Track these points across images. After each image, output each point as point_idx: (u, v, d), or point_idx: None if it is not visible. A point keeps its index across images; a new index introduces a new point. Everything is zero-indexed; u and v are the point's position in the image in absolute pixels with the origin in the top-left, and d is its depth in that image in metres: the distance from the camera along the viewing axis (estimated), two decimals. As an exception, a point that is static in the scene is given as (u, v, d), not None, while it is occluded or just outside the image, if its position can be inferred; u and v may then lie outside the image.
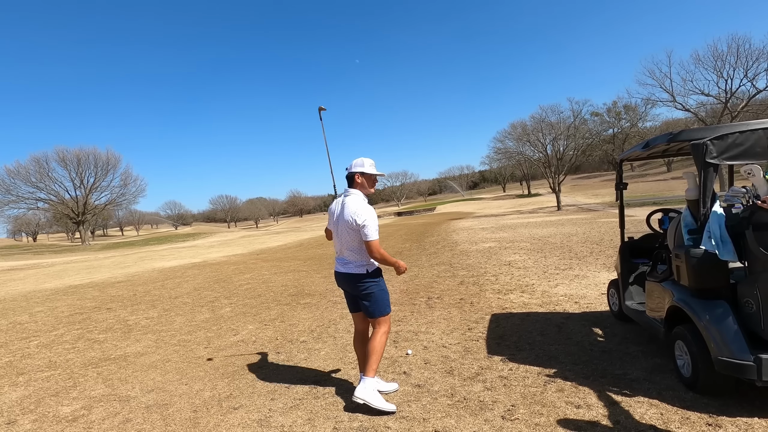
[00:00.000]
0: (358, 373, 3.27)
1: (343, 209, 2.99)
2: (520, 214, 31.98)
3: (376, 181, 3.14)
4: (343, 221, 2.96)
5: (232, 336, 5.22)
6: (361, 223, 2.87)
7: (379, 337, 3.01)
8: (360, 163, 3.09)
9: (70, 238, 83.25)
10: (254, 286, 8.98)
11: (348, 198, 3.03)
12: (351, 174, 3.09)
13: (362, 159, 3.10)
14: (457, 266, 9.13)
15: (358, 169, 3.06)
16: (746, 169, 2.67)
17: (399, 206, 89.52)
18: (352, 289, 3.08)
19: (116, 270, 16.06)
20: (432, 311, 5.57)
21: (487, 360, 3.71)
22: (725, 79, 31.85)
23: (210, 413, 3.12)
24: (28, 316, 7.73)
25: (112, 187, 55.95)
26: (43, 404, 3.56)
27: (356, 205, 2.94)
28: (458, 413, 2.81)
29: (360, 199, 3.01)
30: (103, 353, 4.95)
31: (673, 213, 4.03)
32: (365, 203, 2.99)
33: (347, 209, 2.94)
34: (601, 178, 75.99)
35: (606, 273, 6.94)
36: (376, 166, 3.11)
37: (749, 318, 2.56)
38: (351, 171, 3.09)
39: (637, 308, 3.88)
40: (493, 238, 14.41)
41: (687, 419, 2.52)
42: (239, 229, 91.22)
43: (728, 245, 2.62)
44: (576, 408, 2.75)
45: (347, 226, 2.92)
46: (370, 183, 3.10)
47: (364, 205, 2.96)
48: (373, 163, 3.12)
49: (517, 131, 41.87)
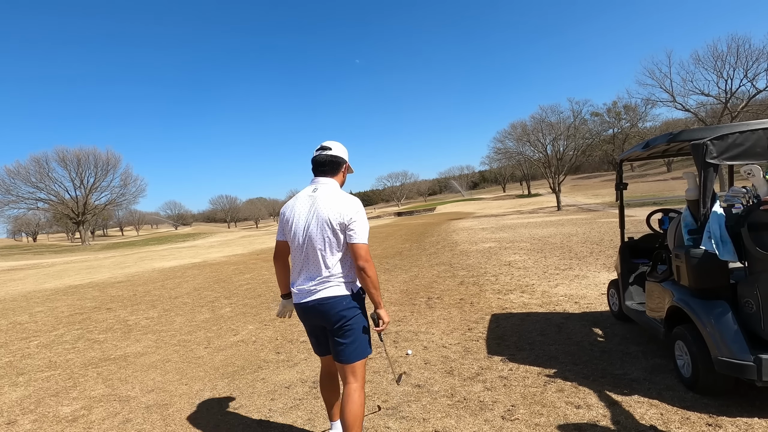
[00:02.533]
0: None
1: (316, 205, 2.15)
2: (520, 214, 31.97)
3: (350, 172, 2.48)
4: (319, 221, 2.13)
5: (232, 336, 5.22)
6: (352, 218, 2.12)
7: (358, 397, 2.17)
8: (343, 149, 2.37)
9: (70, 239, 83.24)
10: (254, 286, 8.98)
11: (324, 189, 2.22)
12: (332, 159, 2.29)
13: (340, 144, 2.37)
14: (457, 266, 9.13)
15: (343, 155, 2.34)
16: (746, 170, 2.67)
17: (399, 206, 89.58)
18: (327, 320, 2.18)
19: (116, 270, 16.06)
20: (432, 311, 5.56)
21: (487, 360, 3.71)
22: (725, 79, 31.91)
23: (210, 413, 3.12)
24: (28, 316, 7.73)
25: (112, 187, 56.01)
26: (43, 404, 3.56)
27: (339, 197, 2.18)
28: (458, 413, 2.81)
29: (341, 191, 2.27)
30: (103, 353, 4.95)
31: (673, 213, 4.03)
32: (350, 196, 2.23)
33: (326, 204, 2.14)
34: (601, 178, 75.99)
35: (606, 273, 6.94)
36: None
37: (749, 318, 2.56)
38: (333, 154, 2.29)
39: (637, 308, 3.88)
40: (493, 238, 14.41)
41: (687, 419, 2.52)
42: (239, 229, 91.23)
43: (728, 245, 2.62)
44: (576, 408, 2.75)
45: (325, 226, 2.11)
46: (344, 177, 2.41)
47: (350, 197, 2.20)
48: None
49: (517, 131, 41.89)
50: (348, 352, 2.18)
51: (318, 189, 2.22)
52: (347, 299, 2.17)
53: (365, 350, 2.24)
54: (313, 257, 2.16)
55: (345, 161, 2.36)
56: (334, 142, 2.35)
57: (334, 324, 2.17)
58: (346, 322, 2.16)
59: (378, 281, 2.18)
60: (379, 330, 2.21)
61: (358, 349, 2.20)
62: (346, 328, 2.17)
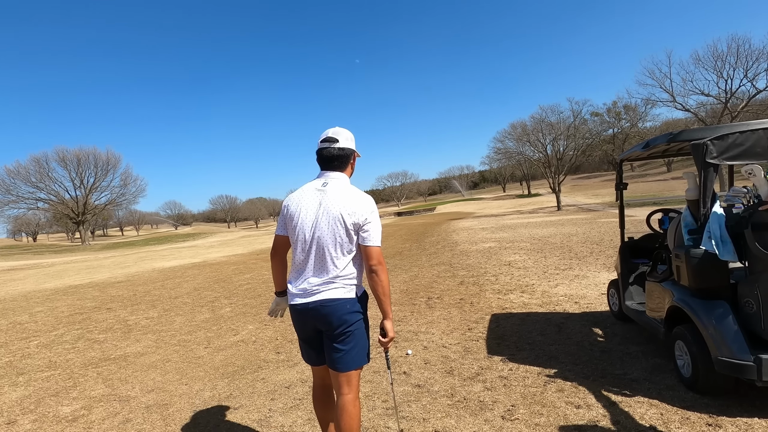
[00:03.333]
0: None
1: (326, 202, 2.00)
2: (520, 214, 31.97)
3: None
4: (330, 219, 1.97)
5: (232, 336, 5.22)
6: (367, 218, 1.98)
7: (353, 408, 2.02)
8: (350, 136, 2.18)
9: (70, 238, 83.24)
10: (254, 286, 8.98)
11: (335, 184, 2.05)
12: (341, 153, 2.11)
13: (346, 131, 2.18)
14: (457, 266, 9.13)
15: (351, 145, 2.16)
16: (746, 169, 2.67)
17: (399, 206, 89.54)
18: (328, 324, 2.01)
19: (116, 270, 16.06)
20: (432, 311, 5.56)
21: (487, 360, 3.71)
22: (725, 79, 31.87)
23: (210, 413, 3.12)
24: (28, 316, 7.73)
25: (112, 187, 56.00)
26: (43, 404, 3.56)
27: (353, 194, 2.03)
28: (458, 413, 2.81)
29: (353, 187, 2.10)
30: (103, 353, 4.95)
31: (673, 213, 4.03)
32: (363, 194, 2.07)
33: (338, 201, 1.99)
34: (601, 178, 75.98)
35: (606, 273, 6.94)
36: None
37: (749, 318, 2.56)
38: (341, 147, 2.10)
39: (637, 308, 3.88)
40: (493, 238, 14.41)
41: (687, 419, 2.52)
42: (239, 229, 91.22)
43: (728, 245, 2.61)
44: (576, 408, 2.75)
45: (337, 225, 1.97)
46: (353, 167, 2.23)
47: (364, 195, 2.06)
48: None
49: (517, 131, 41.87)
50: (346, 359, 2.01)
51: (328, 184, 2.04)
52: (351, 302, 2.01)
53: (363, 358, 2.08)
54: (319, 256, 1.99)
55: (353, 152, 2.18)
56: (340, 129, 2.15)
57: (336, 329, 1.99)
58: (347, 327, 2.00)
59: (389, 288, 2.05)
60: (385, 343, 2.05)
61: (357, 356, 2.05)
62: (347, 333, 2.01)
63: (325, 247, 1.98)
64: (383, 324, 2.06)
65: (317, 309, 1.99)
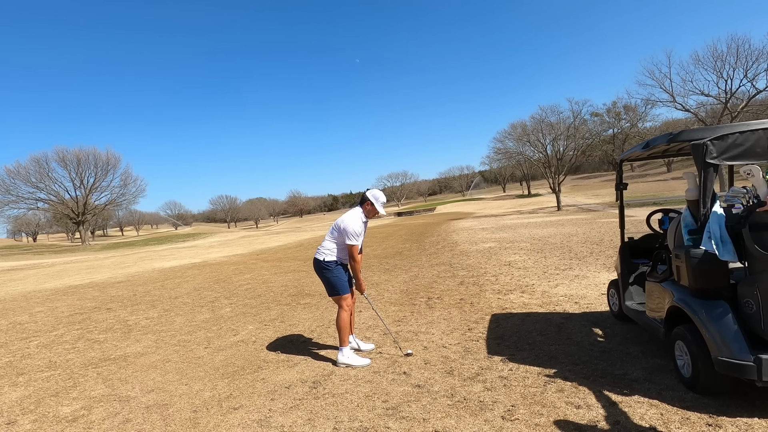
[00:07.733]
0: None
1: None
2: (520, 214, 31.98)
3: (376, 214, 3.90)
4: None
5: (232, 336, 5.22)
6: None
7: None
8: (377, 196, 3.88)
9: (70, 239, 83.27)
10: (254, 286, 8.99)
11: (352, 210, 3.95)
12: (365, 197, 3.87)
13: (380, 194, 3.92)
14: (457, 266, 9.14)
15: (370, 196, 3.85)
16: (746, 170, 2.67)
17: (399, 206, 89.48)
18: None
19: (116, 270, 16.06)
20: (432, 311, 5.57)
21: (487, 360, 3.71)
22: (725, 79, 31.87)
23: (210, 413, 3.12)
24: (28, 316, 7.73)
25: (112, 187, 55.96)
26: (43, 404, 3.56)
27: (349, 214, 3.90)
28: (458, 413, 2.82)
29: (355, 212, 3.89)
30: (103, 353, 4.96)
31: (673, 213, 4.03)
32: (357, 214, 3.86)
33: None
34: (601, 178, 76.01)
35: (606, 273, 6.95)
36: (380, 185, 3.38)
37: (749, 318, 2.56)
38: (365, 196, 3.88)
39: (637, 308, 3.88)
40: (493, 239, 14.41)
41: (687, 419, 2.52)
42: (239, 229, 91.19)
43: (728, 245, 2.62)
44: (576, 408, 2.75)
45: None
46: (371, 213, 3.90)
47: (353, 214, 3.87)
48: (385, 202, 3.95)
49: (517, 131, 41.81)
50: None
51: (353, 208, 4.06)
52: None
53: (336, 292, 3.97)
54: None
55: (367, 199, 3.88)
56: (376, 190, 3.94)
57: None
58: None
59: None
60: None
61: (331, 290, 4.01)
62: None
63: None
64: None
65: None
